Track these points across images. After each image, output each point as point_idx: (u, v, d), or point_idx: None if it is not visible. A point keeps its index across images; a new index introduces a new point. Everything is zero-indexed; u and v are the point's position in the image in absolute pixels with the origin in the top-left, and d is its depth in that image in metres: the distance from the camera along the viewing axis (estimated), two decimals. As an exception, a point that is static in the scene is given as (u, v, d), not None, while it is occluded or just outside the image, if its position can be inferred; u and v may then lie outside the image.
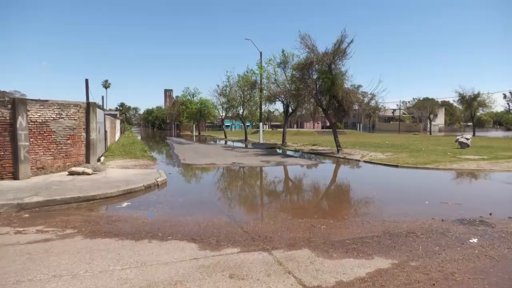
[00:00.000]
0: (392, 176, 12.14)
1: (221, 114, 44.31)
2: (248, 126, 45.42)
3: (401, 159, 15.67)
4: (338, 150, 19.32)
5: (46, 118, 10.43)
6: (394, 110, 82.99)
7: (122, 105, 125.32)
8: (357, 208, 7.54)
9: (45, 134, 10.42)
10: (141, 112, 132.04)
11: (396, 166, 13.81)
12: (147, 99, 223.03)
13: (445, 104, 75.46)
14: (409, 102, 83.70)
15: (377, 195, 8.63)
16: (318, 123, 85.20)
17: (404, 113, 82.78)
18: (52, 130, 10.58)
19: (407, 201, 8.02)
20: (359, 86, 22.83)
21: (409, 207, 7.26)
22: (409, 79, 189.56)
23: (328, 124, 26.09)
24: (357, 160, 16.22)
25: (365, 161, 15.73)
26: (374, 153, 18.78)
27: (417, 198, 8.31)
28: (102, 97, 60.75)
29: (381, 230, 5.59)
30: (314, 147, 24.14)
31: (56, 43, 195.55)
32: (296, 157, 18.97)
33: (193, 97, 49.04)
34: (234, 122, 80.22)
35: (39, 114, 10.25)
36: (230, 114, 41.72)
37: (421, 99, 72.14)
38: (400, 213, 6.74)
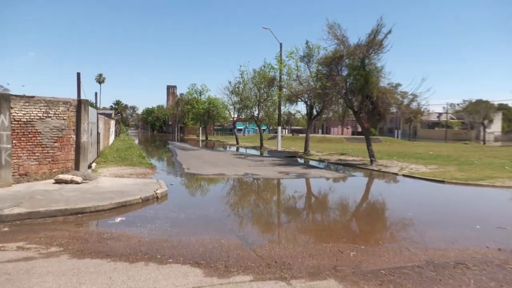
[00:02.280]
0: (437, 194, 11.92)
1: (232, 116, 44.55)
2: (264, 130, 45.54)
3: (448, 173, 15.40)
4: (371, 161, 19.10)
5: (32, 117, 10.71)
6: (440, 114, 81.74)
7: (117, 103, 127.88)
8: (394, 231, 7.42)
9: (29, 136, 10.69)
10: (140, 111, 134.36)
11: (442, 182, 13.58)
12: (147, 97, 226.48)
13: (503, 108, 73.92)
14: (458, 105, 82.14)
15: (418, 216, 8.47)
16: (348, 128, 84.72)
17: (452, 118, 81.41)
18: (38, 131, 10.85)
19: (456, 224, 7.84)
20: (398, 84, 22.52)
21: (458, 232, 7.12)
22: (458, 77, 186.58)
23: (359, 129, 25.77)
24: (394, 174, 16.01)
25: (404, 175, 15.51)
26: (415, 166, 18.49)
27: (468, 221, 8.14)
28: (96, 94, 62.40)
29: (424, 259, 5.49)
30: (342, 157, 24.00)
31: (45, 31, 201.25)
32: (320, 168, 18.88)
33: (200, 95, 49.69)
34: (247, 125, 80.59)
35: (23, 112, 10.53)
36: (243, 116, 41.93)
37: (473, 101, 70.82)
38: (446, 239, 6.61)
